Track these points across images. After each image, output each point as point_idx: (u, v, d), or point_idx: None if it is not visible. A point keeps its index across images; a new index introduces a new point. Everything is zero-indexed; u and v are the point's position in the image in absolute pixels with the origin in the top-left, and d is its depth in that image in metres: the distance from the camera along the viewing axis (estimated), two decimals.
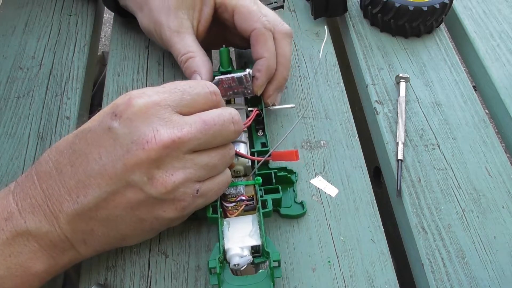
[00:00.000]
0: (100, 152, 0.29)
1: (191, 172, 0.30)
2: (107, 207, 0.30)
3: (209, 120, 0.31)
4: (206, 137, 0.30)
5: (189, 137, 0.30)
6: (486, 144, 0.43)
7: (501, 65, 0.50)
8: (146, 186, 0.29)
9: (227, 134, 0.32)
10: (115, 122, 0.29)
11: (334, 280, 0.34)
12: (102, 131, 0.29)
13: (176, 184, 0.30)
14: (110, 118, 0.29)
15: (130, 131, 0.29)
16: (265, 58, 0.40)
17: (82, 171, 0.29)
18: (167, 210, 0.31)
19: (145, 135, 0.29)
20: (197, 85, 0.32)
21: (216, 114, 0.31)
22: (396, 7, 0.49)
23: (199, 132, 0.30)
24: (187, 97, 0.31)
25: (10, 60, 0.48)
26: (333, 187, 0.39)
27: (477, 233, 0.38)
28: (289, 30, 0.42)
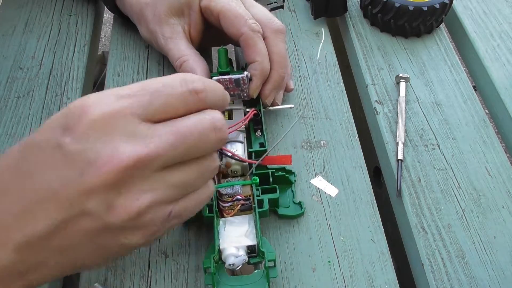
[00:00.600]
0: (49, 174, 0.24)
1: (161, 193, 0.26)
2: (60, 236, 0.25)
3: (183, 130, 0.26)
4: (179, 150, 0.25)
5: (157, 153, 0.25)
6: (486, 144, 0.43)
7: (501, 65, 0.50)
8: (105, 215, 0.24)
9: (206, 145, 0.27)
10: (66, 138, 0.24)
11: (334, 280, 0.34)
12: (51, 148, 0.24)
13: (141, 209, 0.25)
14: (60, 132, 0.24)
15: (84, 149, 0.24)
16: (258, 61, 0.40)
17: (29, 194, 0.25)
18: (133, 238, 0.26)
19: (102, 155, 0.24)
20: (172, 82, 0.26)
21: (192, 122, 0.26)
22: (396, 7, 0.49)
23: (170, 146, 0.25)
24: (157, 101, 0.26)
25: (10, 60, 0.48)
26: (333, 187, 0.39)
27: (477, 233, 0.38)
28: (280, 26, 0.41)
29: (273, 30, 0.41)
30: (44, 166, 0.25)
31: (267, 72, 0.40)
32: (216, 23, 0.42)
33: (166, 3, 0.42)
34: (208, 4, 0.41)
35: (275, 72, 0.41)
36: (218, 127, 0.27)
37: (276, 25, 0.41)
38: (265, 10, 0.42)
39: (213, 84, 0.28)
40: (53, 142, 0.24)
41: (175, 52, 0.42)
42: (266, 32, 0.40)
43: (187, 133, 0.26)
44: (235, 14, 0.40)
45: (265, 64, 0.40)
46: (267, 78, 0.41)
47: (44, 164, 0.25)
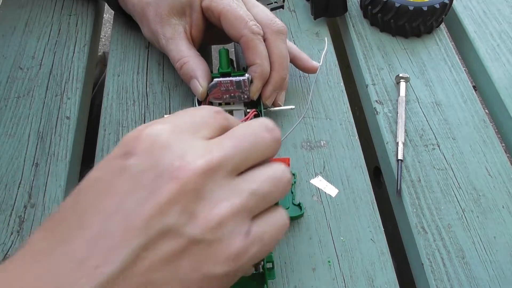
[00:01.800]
0: (118, 200, 0.22)
1: (237, 202, 0.24)
2: (139, 271, 0.22)
3: (238, 134, 0.25)
4: (243, 152, 0.25)
5: (224, 156, 0.24)
6: (486, 144, 0.43)
7: (501, 65, 0.50)
8: (187, 226, 0.22)
9: (264, 145, 0.26)
10: (130, 160, 0.23)
11: (334, 280, 0.34)
12: (114, 175, 0.23)
13: (221, 217, 0.23)
14: (121, 158, 0.23)
15: (151, 164, 0.23)
16: (257, 64, 0.40)
17: (97, 232, 0.22)
18: (217, 261, 0.23)
19: (172, 163, 0.23)
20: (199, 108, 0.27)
21: (244, 126, 0.26)
22: (396, 7, 0.49)
23: (232, 148, 0.24)
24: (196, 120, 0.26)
25: (10, 60, 0.48)
26: (333, 187, 0.39)
27: (477, 233, 0.38)
28: (281, 27, 0.41)
29: (274, 31, 0.41)
30: (110, 196, 0.22)
31: (267, 74, 0.40)
32: (217, 24, 0.42)
33: (167, 3, 0.42)
34: (209, 5, 0.41)
35: (276, 73, 0.41)
36: (269, 127, 0.26)
37: (277, 26, 0.41)
38: (267, 11, 0.42)
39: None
40: (116, 168, 0.23)
41: (175, 53, 0.42)
42: (267, 33, 0.40)
43: (242, 135, 0.25)
44: (236, 16, 0.40)
45: (265, 66, 0.40)
46: (268, 79, 0.41)
47: (110, 194, 0.23)
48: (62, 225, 0.23)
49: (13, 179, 0.39)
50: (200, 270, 0.23)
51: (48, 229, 0.23)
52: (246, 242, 0.24)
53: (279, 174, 0.26)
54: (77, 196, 0.24)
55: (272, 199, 0.26)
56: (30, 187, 0.39)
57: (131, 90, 0.46)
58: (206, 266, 0.23)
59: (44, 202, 0.38)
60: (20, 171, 0.40)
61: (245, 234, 0.24)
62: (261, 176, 0.25)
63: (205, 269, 0.23)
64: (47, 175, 0.39)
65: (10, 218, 0.37)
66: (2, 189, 0.38)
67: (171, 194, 0.22)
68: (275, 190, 0.26)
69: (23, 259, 0.22)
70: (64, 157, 0.41)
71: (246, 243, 0.24)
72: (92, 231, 0.22)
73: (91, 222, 0.22)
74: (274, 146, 0.26)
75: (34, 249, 0.22)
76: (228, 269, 0.23)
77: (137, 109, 0.44)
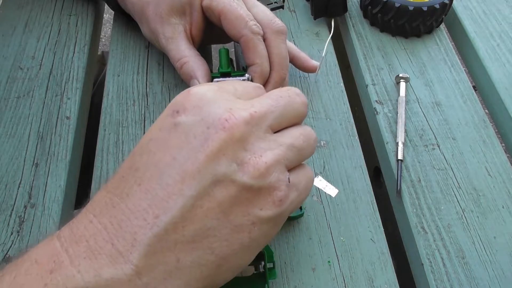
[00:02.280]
0: (172, 153, 0.24)
1: (278, 153, 0.26)
2: (196, 219, 0.23)
3: (274, 94, 0.28)
4: (279, 109, 0.27)
5: (265, 110, 0.26)
6: (486, 144, 0.43)
7: (501, 65, 0.50)
8: (237, 174, 0.24)
9: (296, 106, 0.28)
10: (180, 117, 0.25)
11: (334, 280, 0.34)
12: (167, 132, 0.25)
13: (268, 165, 0.25)
14: (172, 116, 0.25)
15: (201, 117, 0.24)
16: (257, 64, 0.40)
17: (155, 184, 0.23)
18: (264, 206, 0.25)
19: (220, 115, 0.24)
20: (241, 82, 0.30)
21: (277, 90, 0.29)
22: (396, 7, 0.49)
23: (270, 105, 0.27)
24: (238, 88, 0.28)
25: (10, 60, 0.48)
26: (333, 187, 0.39)
27: (477, 233, 0.38)
28: (281, 27, 0.41)
29: (274, 31, 0.41)
30: (165, 150, 0.24)
31: (267, 74, 0.41)
32: (218, 23, 0.42)
33: (167, 3, 0.42)
34: (209, 4, 0.41)
35: (276, 73, 0.41)
36: (298, 92, 0.29)
37: (277, 26, 0.41)
38: (267, 10, 0.42)
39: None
40: (168, 126, 0.25)
41: (175, 53, 0.42)
42: (267, 33, 0.40)
43: (278, 96, 0.28)
44: (236, 15, 0.39)
45: (265, 66, 0.40)
46: (268, 79, 0.41)
47: (164, 149, 0.24)
48: (121, 184, 0.24)
49: (13, 179, 0.39)
50: (250, 215, 0.25)
51: (109, 188, 0.25)
52: (288, 189, 0.26)
53: (308, 132, 0.29)
54: (133, 157, 0.25)
55: (306, 153, 0.28)
56: (30, 187, 0.39)
57: (131, 90, 0.46)
58: (255, 210, 0.25)
59: (44, 202, 0.38)
60: (20, 171, 0.40)
61: (287, 182, 0.26)
62: (296, 133, 0.28)
63: (255, 213, 0.25)
64: (47, 175, 0.39)
65: (10, 218, 0.37)
66: (2, 189, 0.38)
67: (222, 143, 0.24)
68: (308, 145, 0.28)
69: (87, 213, 0.24)
70: (64, 157, 0.41)
71: (288, 189, 0.26)
72: (150, 184, 0.23)
73: (149, 176, 0.24)
74: (304, 109, 0.29)
75: (98, 205, 0.24)
76: (273, 213, 0.25)
77: (137, 109, 0.44)
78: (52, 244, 0.23)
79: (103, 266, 0.22)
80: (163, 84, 0.46)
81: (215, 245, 0.24)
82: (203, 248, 0.24)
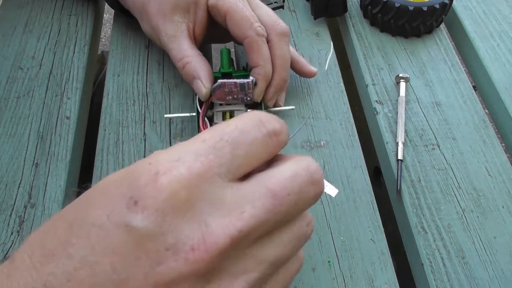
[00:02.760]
0: (114, 262, 0.19)
1: (254, 275, 0.20)
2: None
3: (280, 191, 0.20)
4: (276, 217, 0.20)
5: (254, 225, 0.20)
6: (486, 144, 0.43)
7: (501, 65, 0.50)
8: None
9: (304, 204, 0.22)
10: (136, 216, 0.19)
11: (334, 280, 0.34)
12: (115, 227, 0.19)
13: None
14: (127, 207, 0.19)
15: (161, 230, 0.19)
16: (261, 66, 0.40)
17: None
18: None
19: (188, 237, 0.19)
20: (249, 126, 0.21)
21: (288, 177, 0.21)
22: (396, 7, 0.49)
23: (266, 212, 0.20)
24: (240, 153, 0.21)
25: (10, 60, 0.48)
26: (333, 187, 0.39)
27: (477, 233, 0.38)
28: (285, 29, 0.41)
29: (278, 33, 0.41)
30: (106, 253, 0.19)
31: (269, 76, 0.41)
32: (222, 22, 0.41)
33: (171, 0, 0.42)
34: (215, 3, 0.41)
35: (278, 75, 0.41)
36: (316, 179, 0.22)
37: (281, 28, 0.41)
38: (271, 12, 0.42)
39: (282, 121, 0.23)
40: (118, 221, 0.19)
41: (177, 52, 0.42)
42: (271, 35, 0.40)
43: (285, 194, 0.20)
44: (242, 16, 0.39)
45: (268, 69, 0.40)
46: (270, 81, 0.41)
47: (105, 250, 0.19)
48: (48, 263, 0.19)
49: (13, 179, 0.39)
50: None
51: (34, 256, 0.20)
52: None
53: (304, 229, 0.23)
54: (69, 231, 0.20)
55: (290, 258, 0.23)
56: (30, 187, 0.39)
57: (131, 90, 0.46)
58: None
59: (44, 202, 0.38)
60: (20, 171, 0.40)
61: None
62: (286, 238, 0.22)
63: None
64: (47, 175, 0.39)
65: (10, 218, 0.37)
66: (2, 189, 0.38)
67: (177, 276, 0.19)
68: (297, 250, 0.23)
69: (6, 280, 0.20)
70: (64, 157, 0.41)
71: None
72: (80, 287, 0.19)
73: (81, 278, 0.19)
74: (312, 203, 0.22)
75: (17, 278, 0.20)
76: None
77: (137, 109, 0.44)
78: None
79: None
80: (163, 84, 0.46)
81: None
82: None
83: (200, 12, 0.42)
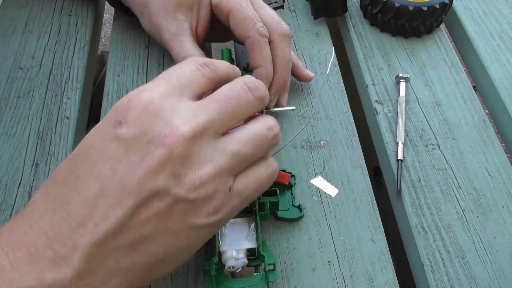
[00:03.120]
0: (112, 166, 0.24)
1: (219, 163, 0.26)
2: (133, 227, 0.24)
3: (222, 97, 0.27)
4: (226, 114, 0.27)
5: (208, 121, 0.26)
6: (486, 144, 0.43)
7: (501, 65, 0.50)
8: (173, 188, 0.25)
9: (247, 105, 0.28)
10: (122, 129, 0.25)
11: (334, 280, 0.34)
12: (108, 142, 0.25)
13: (204, 179, 0.25)
14: (114, 126, 0.25)
15: (142, 131, 0.25)
16: (262, 67, 0.40)
17: (95, 194, 0.24)
18: (199, 215, 0.26)
19: (160, 130, 0.25)
20: (186, 63, 0.28)
21: (227, 88, 0.28)
22: (396, 7, 0.49)
23: (215, 112, 0.26)
24: (184, 78, 0.27)
25: (10, 60, 0.48)
26: (333, 187, 0.39)
27: (477, 233, 0.38)
28: (287, 31, 0.41)
29: (280, 34, 0.41)
30: (105, 161, 0.24)
31: (271, 77, 0.41)
32: (225, 21, 0.41)
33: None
34: (219, 2, 0.41)
35: (279, 76, 0.41)
36: (252, 87, 0.28)
37: (283, 29, 0.41)
38: (273, 13, 0.42)
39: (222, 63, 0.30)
40: (109, 136, 0.25)
41: (178, 51, 0.42)
42: (273, 36, 0.40)
43: (226, 98, 0.27)
44: (245, 16, 0.39)
45: (269, 70, 0.40)
46: (271, 82, 0.41)
47: (104, 160, 0.25)
48: (62, 189, 0.25)
49: (13, 179, 0.39)
50: (186, 223, 0.26)
51: (49, 192, 0.25)
52: (226, 198, 0.27)
53: (263, 132, 0.28)
54: (73, 162, 0.25)
55: (256, 157, 0.28)
56: (30, 187, 0.39)
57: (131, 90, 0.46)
58: (191, 219, 0.26)
59: None
60: (20, 171, 0.40)
61: (226, 191, 0.26)
62: (245, 136, 0.27)
63: (190, 221, 0.26)
64: (47, 175, 0.39)
65: (10, 218, 0.37)
66: (2, 189, 0.38)
67: (161, 159, 0.24)
68: (259, 149, 0.28)
69: (28, 217, 0.25)
70: (64, 157, 0.41)
71: (226, 199, 0.27)
72: (90, 193, 0.24)
73: (89, 186, 0.24)
74: (257, 105, 0.28)
75: (37, 210, 0.25)
76: (209, 221, 0.26)
77: None
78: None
79: (45, 270, 0.23)
80: None
81: (152, 249, 0.25)
82: (140, 252, 0.25)
83: (203, 11, 0.42)
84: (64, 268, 0.23)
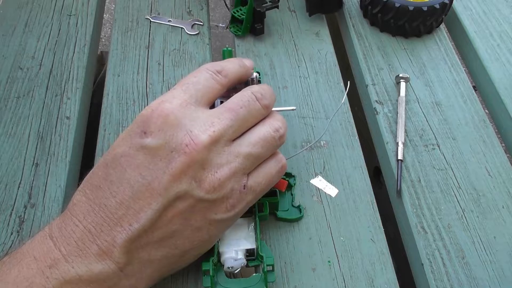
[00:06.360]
0: (141, 172, 0.28)
1: (234, 166, 0.30)
2: (162, 225, 0.28)
3: (233, 106, 0.31)
4: (238, 121, 0.30)
5: (224, 128, 0.29)
6: (486, 144, 0.43)
7: (501, 65, 0.50)
8: (195, 190, 0.28)
9: (255, 113, 0.31)
10: (147, 139, 0.28)
11: (334, 280, 0.34)
12: (136, 151, 0.29)
13: (222, 181, 0.29)
14: (140, 137, 0.29)
15: (165, 141, 0.28)
16: None
17: (128, 197, 0.28)
18: (218, 212, 0.30)
19: (182, 140, 0.28)
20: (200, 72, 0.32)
21: (237, 98, 0.31)
22: (396, 7, 0.49)
23: (230, 119, 0.30)
24: (199, 88, 0.31)
25: (10, 60, 0.48)
26: (333, 187, 0.39)
27: (477, 233, 0.38)
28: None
29: None
30: (134, 168, 0.28)
31: None
32: None
33: None
34: None
35: None
36: (260, 97, 0.32)
37: None
38: None
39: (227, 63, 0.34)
40: (136, 146, 0.29)
41: None
42: None
43: (237, 107, 0.31)
44: None
45: None
46: None
47: (134, 167, 0.28)
48: (99, 193, 0.29)
49: (13, 179, 0.39)
50: (207, 219, 0.30)
51: (88, 196, 0.29)
52: (242, 195, 0.31)
53: (270, 133, 0.32)
54: (106, 169, 0.29)
55: (265, 156, 0.32)
56: (30, 187, 0.39)
57: (131, 90, 0.46)
58: (211, 215, 0.30)
59: (44, 202, 0.38)
60: (20, 171, 0.40)
61: (241, 189, 0.31)
62: (254, 139, 0.31)
63: (210, 217, 0.30)
64: (47, 175, 0.39)
65: (10, 218, 0.37)
66: (2, 189, 0.38)
67: (183, 165, 0.28)
68: (267, 149, 0.32)
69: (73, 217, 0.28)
70: (64, 157, 0.41)
71: (241, 196, 0.31)
72: (124, 197, 0.28)
73: (123, 190, 0.28)
74: (264, 112, 0.32)
75: (81, 211, 0.28)
76: (227, 216, 0.30)
77: (137, 109, 0.44)
78: (47, 243, 0.28)
79: (92, 262, 0.27)
80: (163, 84, 0.46)
81: (179, 242, 0.30)
82: (169, 246, 0.29)
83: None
84: (107, 261, 0.27)
